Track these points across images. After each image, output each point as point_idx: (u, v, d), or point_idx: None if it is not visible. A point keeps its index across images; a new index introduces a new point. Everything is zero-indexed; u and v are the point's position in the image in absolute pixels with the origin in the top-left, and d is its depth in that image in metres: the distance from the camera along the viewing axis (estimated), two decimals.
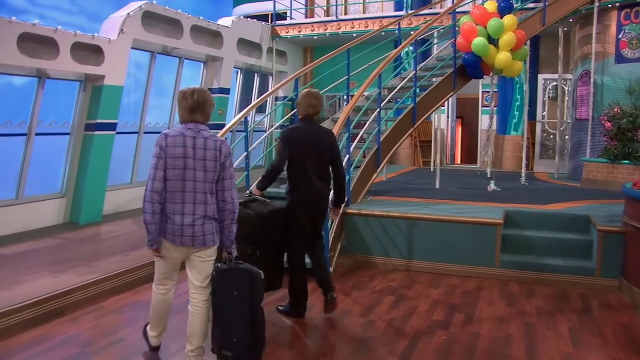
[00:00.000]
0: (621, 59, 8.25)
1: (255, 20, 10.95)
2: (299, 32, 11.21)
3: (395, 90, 7.49)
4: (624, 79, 8.07)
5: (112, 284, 4.86)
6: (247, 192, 4.34)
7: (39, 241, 6.24)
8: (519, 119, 10.72)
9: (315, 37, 11.16)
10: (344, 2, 12.39)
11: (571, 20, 9.03)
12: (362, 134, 6.79)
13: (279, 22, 11.42)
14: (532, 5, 8.68)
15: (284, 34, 11.29)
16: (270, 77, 11.69)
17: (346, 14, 12.29)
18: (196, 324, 3.26)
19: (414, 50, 8.54)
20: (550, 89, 10.25)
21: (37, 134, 6.87)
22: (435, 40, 8.96)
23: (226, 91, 9.99)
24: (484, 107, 11.20)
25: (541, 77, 10.34)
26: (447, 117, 11.84)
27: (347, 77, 7.45)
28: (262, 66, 11.13)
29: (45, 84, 6.84)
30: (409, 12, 10.47)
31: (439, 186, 7.75)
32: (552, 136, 10.25)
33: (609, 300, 4.84)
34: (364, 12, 12.42)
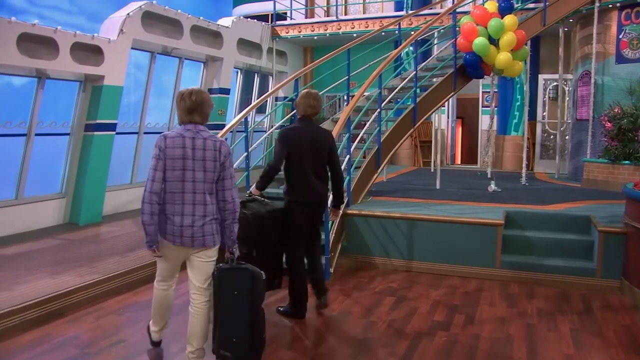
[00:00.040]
0: (621, 59, 8.25)
1: (255, 20, 10.94)
2: (299, 32, 11.20)
3: (395, 90, 7.49)
4: (625, 79, 8.07)
5: (112, 284, 4.85)
6: (247, 192, 4.33)
7: (39, 241, 6.23)
8: (519, 119, 10.71)
9: (315, 37, 11.15)
10: (344, 2, 12.38)
11: (571, 20, 9.02)
12: (362, 134, 6.79)
13: (278, 22, 11.40)
14: (533, 5, 8.68)
15: (283, 34, 11.28)
16: (270, 77, 11.68)
17: (346, 14, 12.27)
18: (196, 324, 3.25)
19: (414, 50, 8.54)
20: (550, 89, 10.25)
21: (37, 134, 6.86)
22: (435, 40, 8.95)
23: (226, 91, 9.98)
24: (484, 107, 11.19)
25: (541, 77, 10.33)
26: (447, 117, 11.83)
27: (347, 77, 7.45)
28: (262, 66, 11.12)
29: (44, 84, 6.83)
30: (409, 12, 10.46)
31: (439, 186, 7.74)
32: (552, 136, 10.24)
33: (609, 301, 4.83)
34: (364, 12, 12.40)
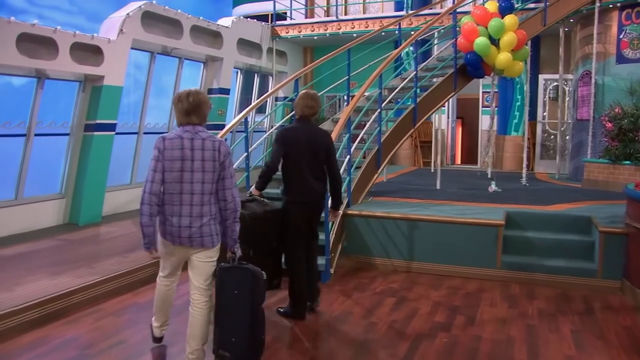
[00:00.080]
0: (622, 59, 8.24)
1: (255, 20, 10.92)
2: (299, 32, 11.18)
3: (395, 90, 7.47)
4: (625, 79, 8.06)
5: (112, 285, 4.83)
6: (247, 192, 4.32)
7: (38, 242, 6.21)
8: (519, 119, 10.70)
9: (315, 37, 11.14)
10: (344, 2, 12.36)
11: (572, 20, 9.01)
12: (362, 135, 6.78)
13: (278, 22, 11.39)
14: (533, 5, 8.67)
15: (283, 34, 11.27)
16: (270, 77, 11.66)
17: (346, 14, 12.25)
18: (196, 325, 3.24)
19: (414, 50, 8.52)
20: (550, 89, 10.23)
21: (36, 134, 6.84)
22: (435, 40, 8.94)
23: (226, 91, 9.97)
24: (484, 107, 11.18)
25: (542, 77, 10.32)
26: (447, 117, 11.82)
27: (347, 77, 7.43)
28: (262, 66, 11.11)
29: (44, 84, 6.81)
30: (409, 12, 10.45)
31: (439, 187, 7.73)
32: (552, 136, 10.23)
33: (610, 301, 4.82)
34: (364, 12, 12.38)
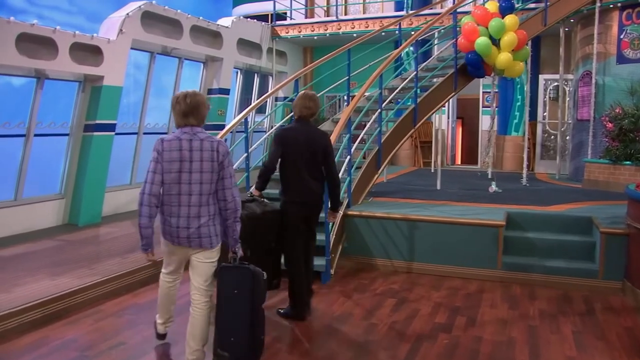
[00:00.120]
0: (622, 59, 8.22)
1: (254, 20, 10.90)
2: (299, 32, 11.17)
3: (396, 90, 7.46)
4: (626, 80, 8.04)
5: (111, 286, 4.81)
6: (247, 193, 4.31)
7: (38, 243, 6.19)
8: (519, 119, 10.70)
9: (315, 37, 11.12)
10: (344, 2, 12.35)
11: (572, 20, 9.00)
12: (362, 135, 6.76)
13: (278, 22, 11.37)
14: (533, 5, 8.66)
15: (283, 34, 11.25)
16: (270, 77, 11.65)
17: (346, 14, 12.24)
18: (196, 325, 3.24)
19: (414, 50, 8.51)
20: (551, 89, 10.22)
21: (36, 134, 6.82)
22: (435, 40, 8.93)
23: (226, 91, 9.95)
24: (484, 107, 11.16)
25: (542, 78, 10.31)
26: (448, 118, 11.81)
27: (347, 77, 7.42)
28: (262, 66, 11.09)
29: (43, 84, 6.79)
30: (409, 12, 10.44)
31: (439, 187, 7.72)
32: (552, 137, 10.22)
33: (611, 302, 4.81)
34: (364, 12, 12.37)
